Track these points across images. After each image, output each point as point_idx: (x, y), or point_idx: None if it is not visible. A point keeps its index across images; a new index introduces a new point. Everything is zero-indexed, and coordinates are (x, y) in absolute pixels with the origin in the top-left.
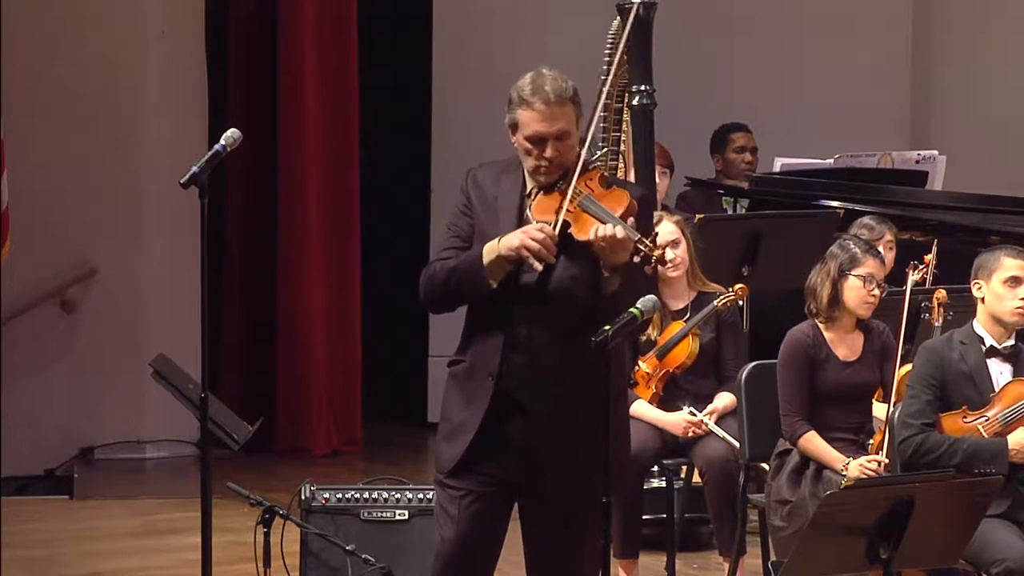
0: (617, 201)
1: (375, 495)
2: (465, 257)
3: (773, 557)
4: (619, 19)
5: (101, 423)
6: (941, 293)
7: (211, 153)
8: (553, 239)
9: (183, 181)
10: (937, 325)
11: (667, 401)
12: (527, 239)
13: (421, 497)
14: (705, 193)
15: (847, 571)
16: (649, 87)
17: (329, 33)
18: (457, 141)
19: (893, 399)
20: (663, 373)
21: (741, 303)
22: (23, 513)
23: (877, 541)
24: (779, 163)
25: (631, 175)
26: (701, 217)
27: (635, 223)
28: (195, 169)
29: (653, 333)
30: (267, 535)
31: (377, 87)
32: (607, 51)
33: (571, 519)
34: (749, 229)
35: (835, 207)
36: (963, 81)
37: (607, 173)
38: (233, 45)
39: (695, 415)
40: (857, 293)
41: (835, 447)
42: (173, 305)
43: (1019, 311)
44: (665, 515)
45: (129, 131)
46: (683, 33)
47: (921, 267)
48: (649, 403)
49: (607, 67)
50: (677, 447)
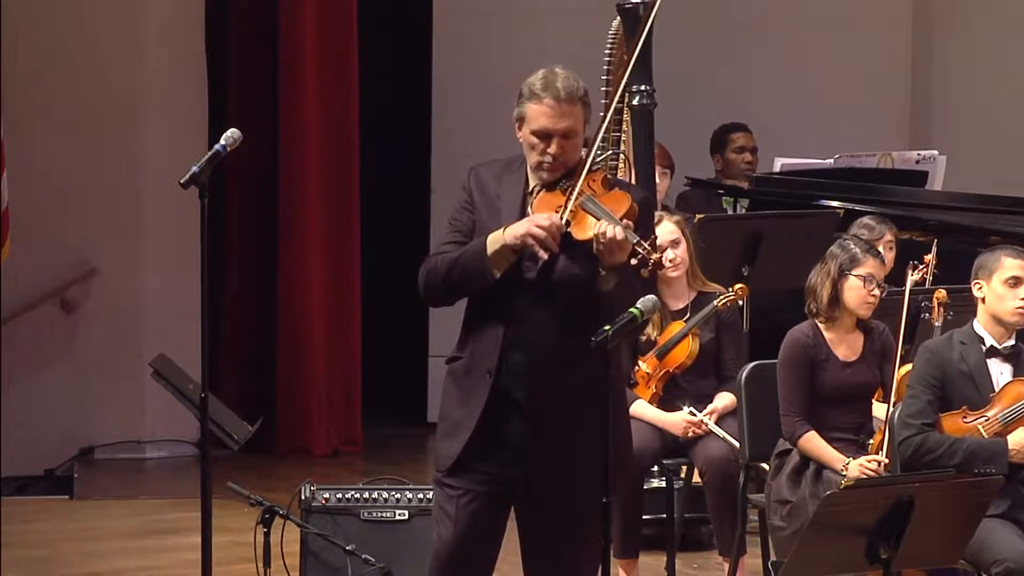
0: (618, 203)
1: (375, 495)
2: (468, 248)
3: (773, 557)
4: (619, 19)
5: (101, 423)
6: (941, 293)
7: (211, 153)
8: (559, 228)
9: (183, 181)
10: (937, 325)
11: (667, 401)
12: (533, 227)
13: (421, 497)
14: (705, 193)
15: (847, 571)
16: (649, 87)
17: (329, 33)
18: (457, 141)
19: (893, 399)
20: (663, 373)
21: (741, 303)
22: (23, 513)
23: (877, 541)
24: (779, 163)
25: (631, 175)
26: (701, 217)
27: (635, 226)
28: (195, 169)
29: (653, 333)
30: (267, 535)
31: (377, 87)
32: (607, 51)
33: (568, 519)
34: (749, 229)
35: (835, 207)
36: (963, 81)
37: (609, 175)
38: (233, 45)
39: (695, 415)
40: (857, 293)
41: (835, 447)
42: (173, 305)
43: (1019, 311)
44: (665, 515)
45: (129, 131)
46: (683, 33)
47: (921, 267)
48: (649, 403)
49: (607, 67)
50: (677, 447)
